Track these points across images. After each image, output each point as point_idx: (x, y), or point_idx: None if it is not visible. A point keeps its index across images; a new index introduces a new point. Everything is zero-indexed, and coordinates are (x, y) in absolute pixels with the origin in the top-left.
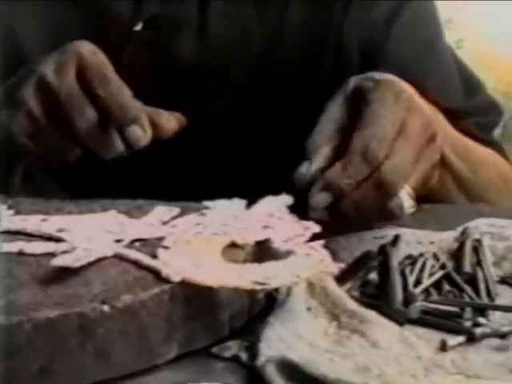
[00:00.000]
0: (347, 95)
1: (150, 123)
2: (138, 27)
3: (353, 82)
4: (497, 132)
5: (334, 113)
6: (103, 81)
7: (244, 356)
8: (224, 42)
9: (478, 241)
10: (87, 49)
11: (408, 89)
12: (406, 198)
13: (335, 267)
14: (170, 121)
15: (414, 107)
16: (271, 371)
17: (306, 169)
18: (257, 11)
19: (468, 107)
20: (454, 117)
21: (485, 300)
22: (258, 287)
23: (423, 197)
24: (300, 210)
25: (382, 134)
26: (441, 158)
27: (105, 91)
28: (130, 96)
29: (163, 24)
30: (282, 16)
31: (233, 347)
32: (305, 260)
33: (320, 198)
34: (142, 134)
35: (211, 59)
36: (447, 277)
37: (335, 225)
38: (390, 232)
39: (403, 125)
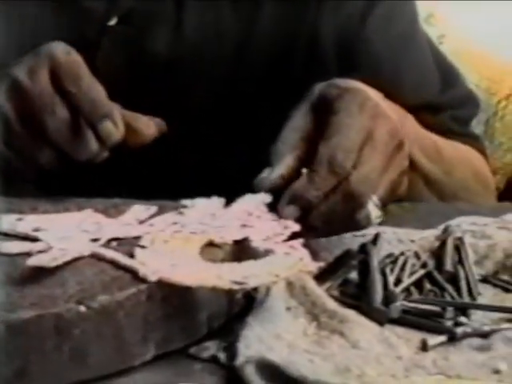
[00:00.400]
0: (312, 103)
1: (128, 128)
2: (113, 22)
3: (317, 89)
4: (479, 129)
5: (298, 121)
6: (75, 78)
7: (222, 357)
8: (200, 39)
9: (460, 239)
10: (60, 49)
11: (374, 96)
12: (372, 209)
13: (315, 266)
14: (149, 126)
15: (379, 115)
16: (250, 372)
17: (267, 175)
18: (232, 10)
19: (444, 101)
20: (430, 111)
21: (466, 299)
22: (236, 287)
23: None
24: None
25: (348, 143)
26: (410, 161)
27: (76, 88)
28: (103, 93)
29: (138, 20)
30: (257, 15)
31: (211, 348)
32: (284, 259)
33: (288, 212)
34: (113, 129)
35: (187, 56)
36: (428, 276)
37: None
38: (370, 230)
39: (369, 134)
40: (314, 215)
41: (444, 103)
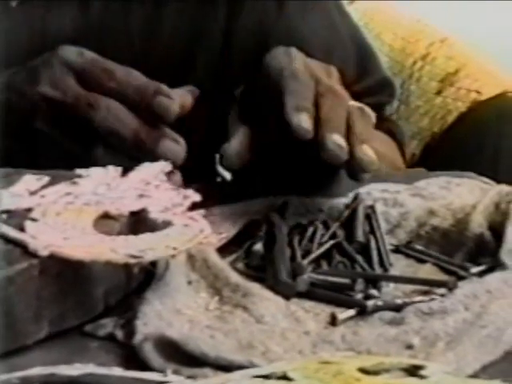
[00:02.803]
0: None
1: None
2: (15, 3)
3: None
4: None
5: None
6: (107, 73)
7: (120, 334)
8: (104, 18)
9: (371, 207)
10: (71, 52)
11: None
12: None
13: (216, 238)
14: (186, 97)
15: None
16: (149, 350)
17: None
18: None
19: (358, 89)
20: None
21: (378, 271)
22: (131, 261)
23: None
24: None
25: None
26: None
27: (114, 82)
28: (140, 74)
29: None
30: (163, 11)
31: (108, 325)
32: (183, 231)
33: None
34: (169, 102)
35: (91, 36)
36: (338, 246)
37: (218, 193)
38: (276, 200)
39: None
40: None
41: (359, 92)
